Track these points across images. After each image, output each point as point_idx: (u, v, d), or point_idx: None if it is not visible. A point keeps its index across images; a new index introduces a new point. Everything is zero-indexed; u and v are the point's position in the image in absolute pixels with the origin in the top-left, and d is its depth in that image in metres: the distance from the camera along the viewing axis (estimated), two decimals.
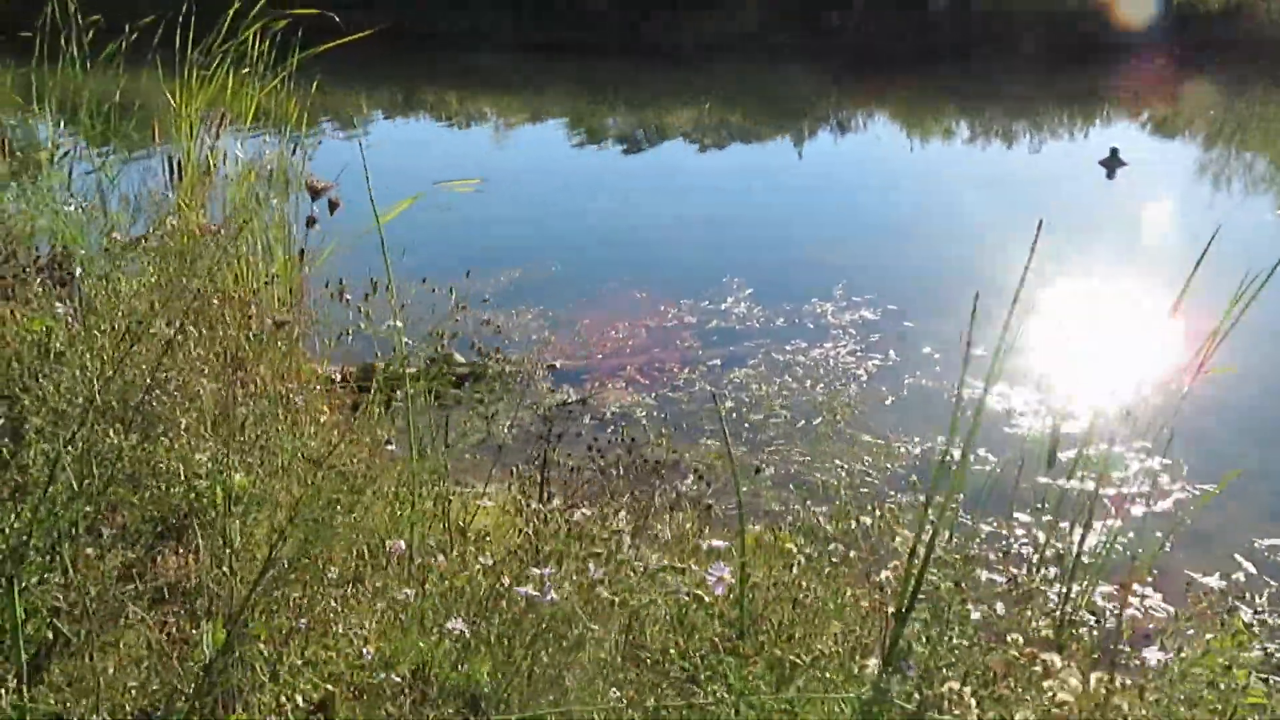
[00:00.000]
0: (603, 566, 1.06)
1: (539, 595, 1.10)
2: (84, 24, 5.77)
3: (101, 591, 1.58)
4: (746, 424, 5.43)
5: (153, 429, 1.73)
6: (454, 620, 1.16)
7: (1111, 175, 12.79)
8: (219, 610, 1.43)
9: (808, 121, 19.06)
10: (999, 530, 4.21)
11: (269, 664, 1.20)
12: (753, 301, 7.48)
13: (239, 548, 1.60)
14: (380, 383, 3.58)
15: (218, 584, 1.50)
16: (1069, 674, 1.00)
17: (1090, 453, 4.09)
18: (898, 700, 0.99)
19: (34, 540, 1.40)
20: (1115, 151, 12.95)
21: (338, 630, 1.27)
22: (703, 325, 7.03)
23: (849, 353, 6.53)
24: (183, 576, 1.93)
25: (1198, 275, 3.06)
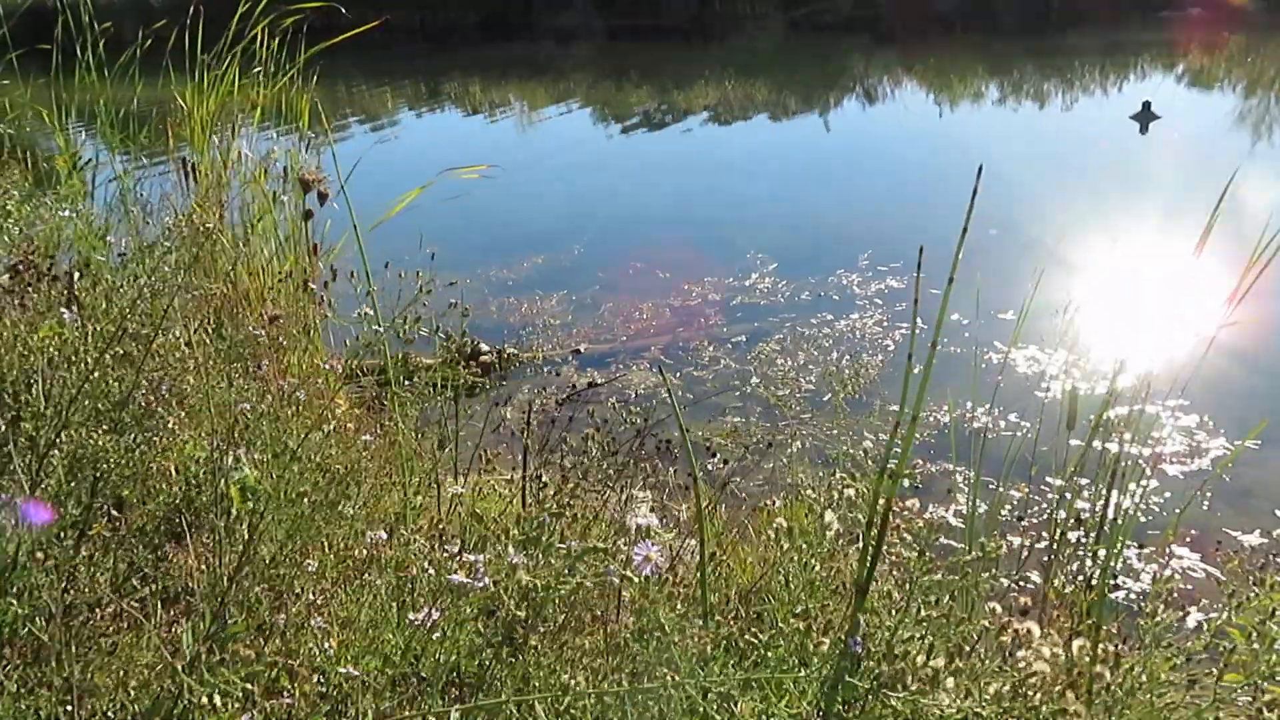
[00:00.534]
0: (521, 552, 1.04)
1: (470, 582, 1.08)
2: (98, 33, 5.82)
3: (102, 592, 1.59)
4: (772, 399, 5.39)
5: (148, 429, 1.74)
6: (414, 613, 1.15)
7: (1144, 130, 12.50)
8: (205, 608, 1.44)
9: (834, 92, 18.84)
10: (1028, 496, 4.14)
11: (244, 664, 1.20)
12: (777, 276, 7.42)
13: (234, 545, 1.61)
14: (398, 375, 3.59)
15: (210, 583, 1.51)
16: (1046, 643, 0.96)
17: (1118, 411, 4.01)
18: (853, 680, 0.95)
19: (24, 544, 1.41)
20: (1148, 105, 12.65)
21: (312, 624, 1.27)
22: (727, 302, 6.98)
23: (875, 323, 6.45)
24: (189, 576, 1.94)
25: (1233, 228, 2.97)
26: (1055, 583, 2.75)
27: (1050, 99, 17.90)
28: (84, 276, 4.15)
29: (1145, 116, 12.59)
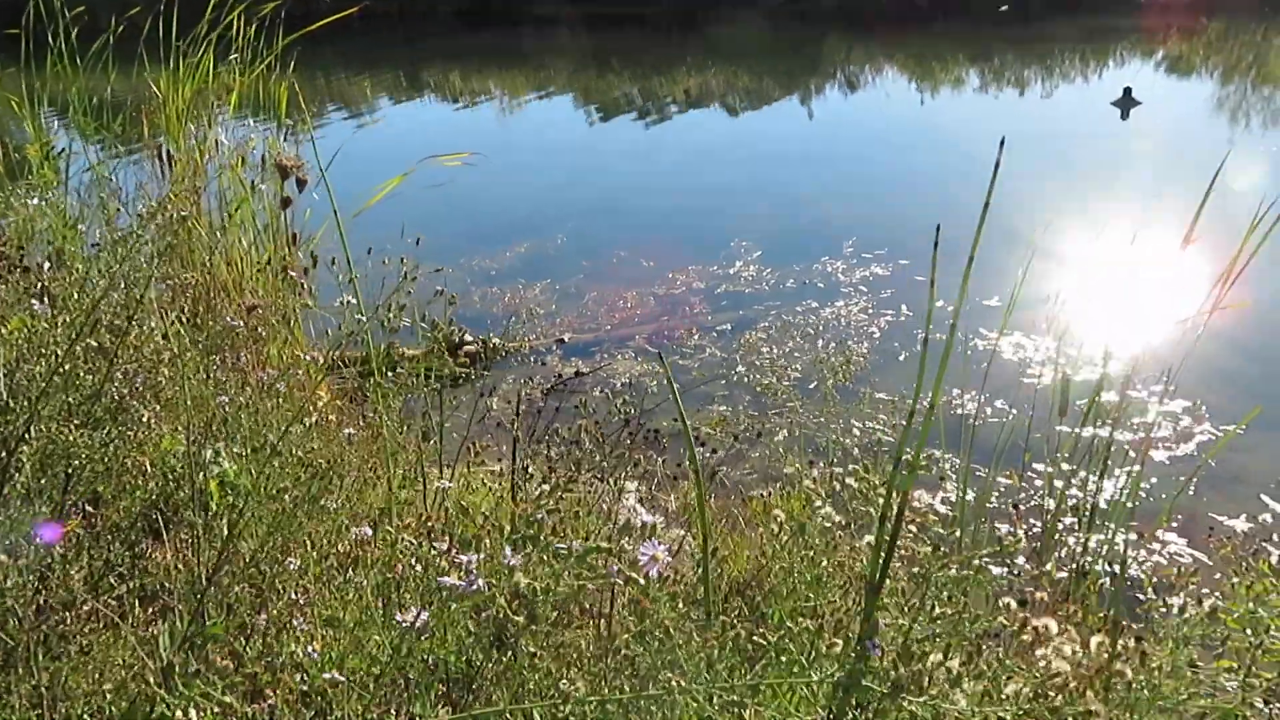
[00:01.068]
0: (520, 552, 0.99)
1: (463, 585, 1.04)
2: (70, 19, 5.70)
3: (77, 592, 1.53)
4: (758, 387, 5.36)
5: (122, 423, 1.68)
6: (402, 613, 1.10)
7: (1125, 115, 12.54)
8: (184, 608, 1.39)
9: (815, 80, 18.81)
10: (1015, 483, 4.12)
11: (222, 675, 1.15)
12: (762, 264, 7.38)
13: (213, 542, 1.55)
14: (381, 365, 3.53)
15: (188, 581, 1.46)
16: (1066, 640, 0.92)
17: (1107, 398, 4.00)
18: (868, 683, 0.92)
19: None
20: (1128, 91, 12.69)
21: (294, 625, 1.23)
22: (712, 290, 6.94)
23: (860, 310, 6.43)
24: (167, 574, 1.89)
25: (1218, 213, 2.95)
26: (1049, 570, 2.73)
27: (1030, 86, 17.94)
28: (56, 267, 4.07)
29: (1126, 102, 12.62)
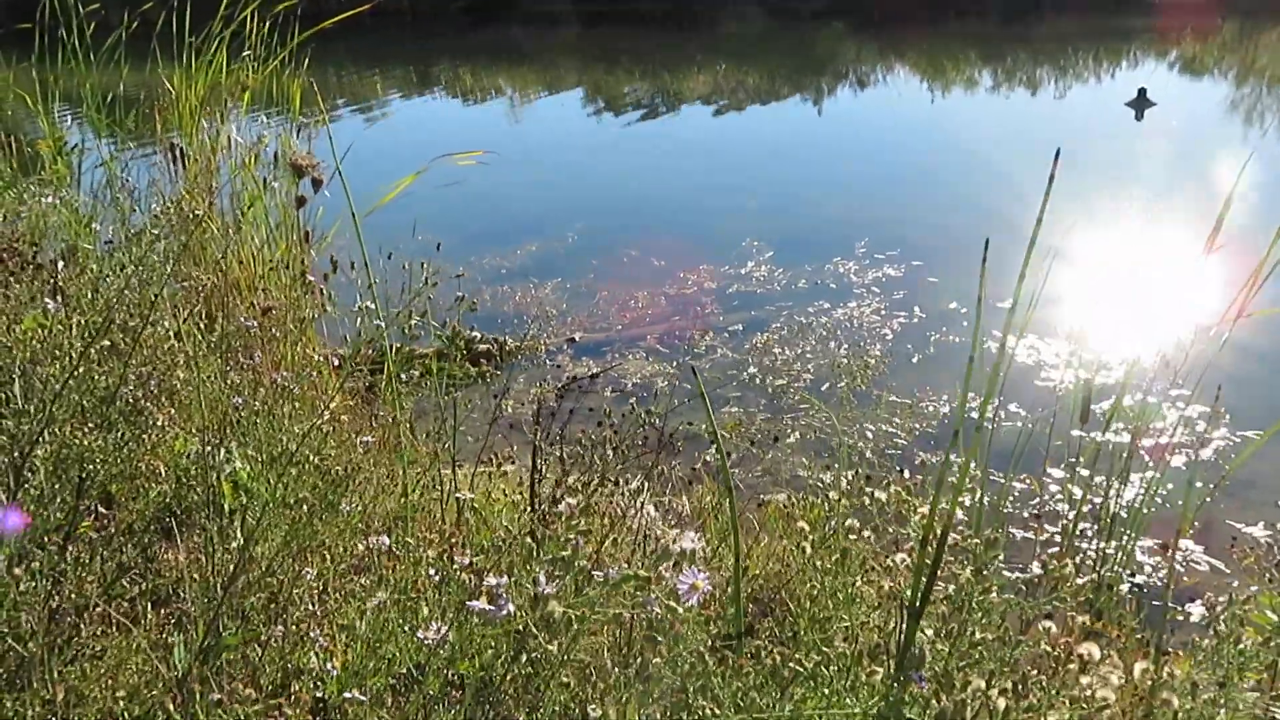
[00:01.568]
0: (555, 579, 0.97)
1: (494, 610, 1.01)
2: (83, 15, 5.70)
3: (90, 596, 1.52)
4: (769, 389, 5.33)
5: (137, 426, 1.67)
6: (425, 630, 1.08)
7: (1140, 117, 12.46)
8: (198, 616, 1.37)
9: (825, 79, 18.76)
10: (1032, 488, 4.09)
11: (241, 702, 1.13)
12: (773, 264, 7.35)
13: (227, 547, 1.54)
14: (393, 365, 3.52)
15: (203, 592, 1.44)
16: (1109, 668, 0.90)
17: (1126, 403, 3.95)
18: (911, 716, 0.89)
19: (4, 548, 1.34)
20: (1143, 92, 12.61)
21: (312, 635, 1.20)
22: (723, 290, 6.91)
23: (873, 311, 6.39)
24: (180, 578, 1.87)
25: (1234, 216, 2.92)
26: (1070, 577, 2.70)
27: (1043, 86, 17.87)
28: (69, 265, 4.06)
29: (1141, 103, 12.55)
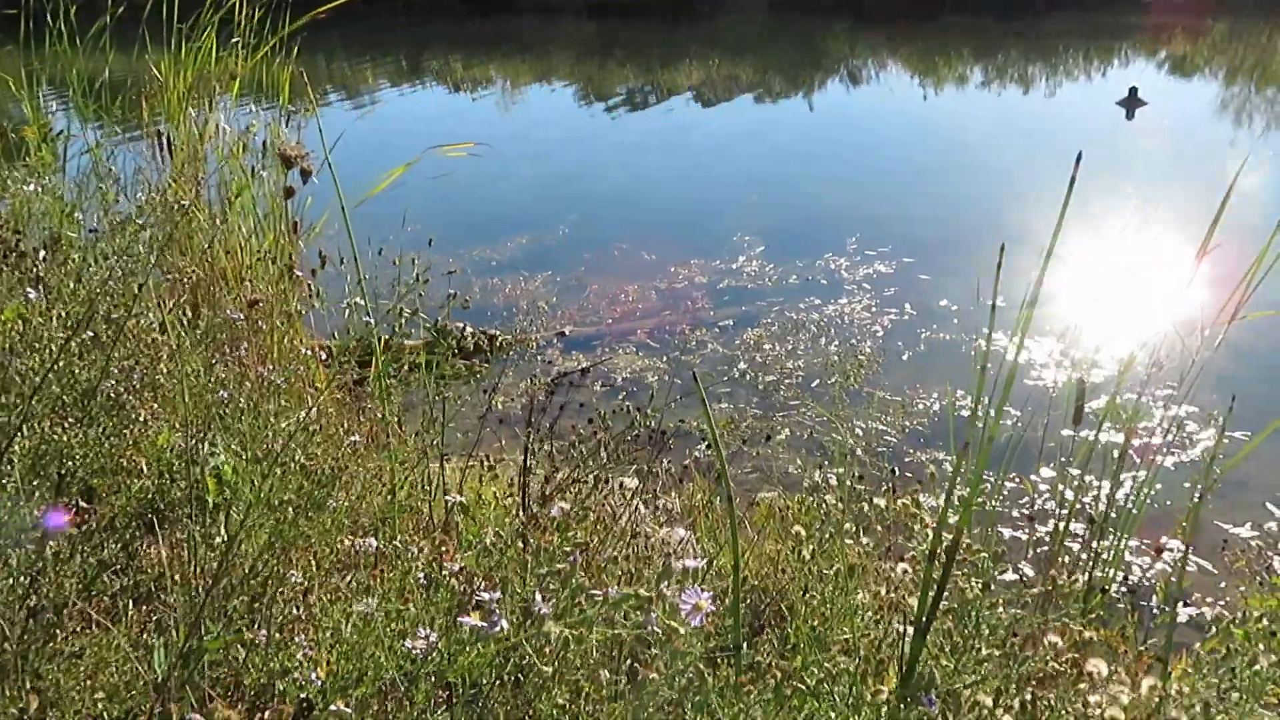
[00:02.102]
0: (552, 596, 0.94)
1: (485, 626, 0.99)
2: None
3: (69, 594, 1.49)
4: (760, 385, 5.31)
5: (119, 420, 1.64)
6: (410, 640, 1.05)
7: (1131, 116, 12.49)
8: (178, 619, 1.34)
9: (818, 74, 18.74)
10: (1023, 487, 4.09)
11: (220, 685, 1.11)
12: (764, 259, 7.33)
13: (210, 545, 1.51)
14: (382, 358, 3.48)
15: (182, 588, 1.41)
16: (1117, 685, 0.88)
17: (1116, 402, 3.95)
18: None
19: None
20: (1134, 91, 12.63)
21: (297, 640, 1.18)
22: (714, 285, 6.89)
23: (864, 308, 6.38)
24: (162, 574, 1.84)
25: (1227, 215, 2.91)
26: (1056, 578, 2.69)
27: (1035, 83, 17.88)
28: (53, 254, 4.01)
29: (1132, 102, 12.57)
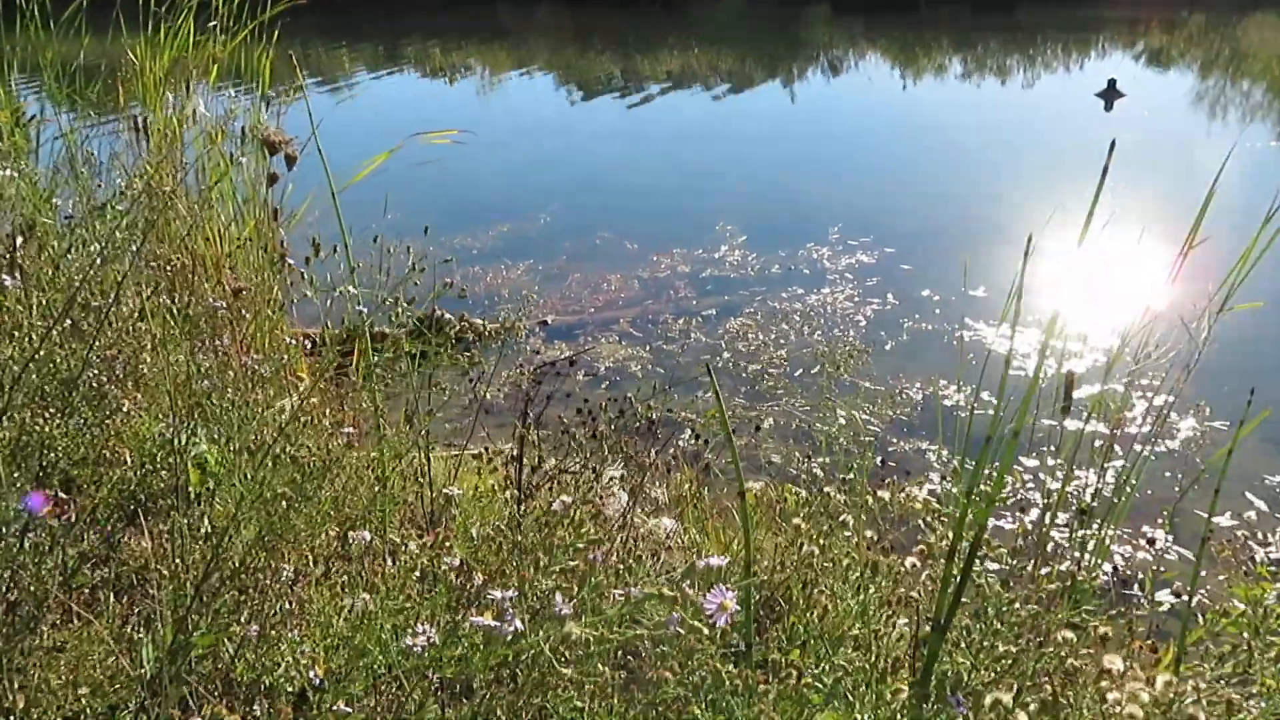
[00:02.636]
0: (572, 596, 0.92)
1: (498, 626, 0.96)
2: None
3: (50, 586, 1.45)
4: (744, 375, 5.31)
5: (101, 411, 1.60)
6: (410, 637, 1.03)
7: (1109, 107, 12.56)
8: (166, 614, 1.31)
9: (798, 63, 18.73)
10: (1013, 479, 4.10)
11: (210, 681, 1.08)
12: (747, 249, 7.32)
13: (196, 536, 1.48)
14: (364, 346, 3.44)
15: (169, 581, 1.38)
16: (1135, 681, 0.87)
17: (1100, 392, 3.97)
18: None
19: None
20: (1113, 83, 12.71)
21: (290, 638, 1.15)
22: (696, 275, 6.88)
23: (846, 298, 6.39)
24: (145, 566, 1.81)
25: (1212, 207, 2.92)
26: (1042, 568, 2.70)
27: (1013, 75, 17.97)
28: (29, 241, 3.93)
29: (1110, 94, 12.65)
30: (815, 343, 5.70)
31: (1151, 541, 3.38)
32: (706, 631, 0.89)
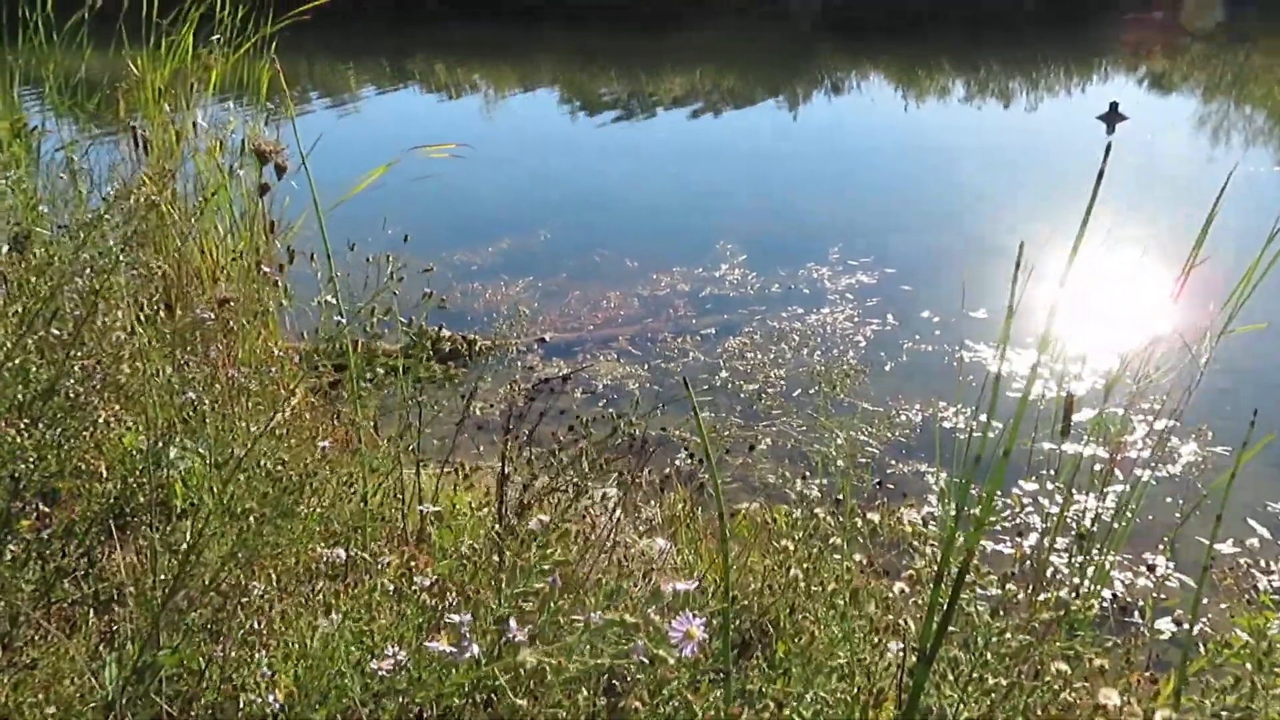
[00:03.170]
0: (527, 622, 0.88)
1: (455, 651, 0.93)
2: None
3: (19, 603, 1.42)
4: (742, 394, 5.27)
5: (81, 422, 1.57)
6: (377, 660, 0.99)
7: (1112, 130, 12.56)
8: (133, 633, 1.28)
9: (801, 85, 18.77)
10: (1014, 502, 4.06)
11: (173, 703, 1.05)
12: (747, 268, 7.30)
13: (173, 552, 1.44)
14: (356, 361, 3.41)
15: (138, 599, 1.34)
16: (1132, 716, 0.83)
17: (1099, 415, 3.93)
18: None
19: None
20: (1115, 106, 12.71)
21: (258, 658, 1.11)
22: (696, 293, 6.85)
23: (846, 318, 6.36)
24: (124, 582, 1.77)
25: (1213, 230, 2.89)
26: (1038, 592, 2.65)
27: (1015, 98, 17.99)
28: (21, 250, 3.91)
29: (1113, 117, 12.64)
30: (814, 362, 5.67)
31: (1152, 568, 3.33)
32: (672, 660, 0.85)
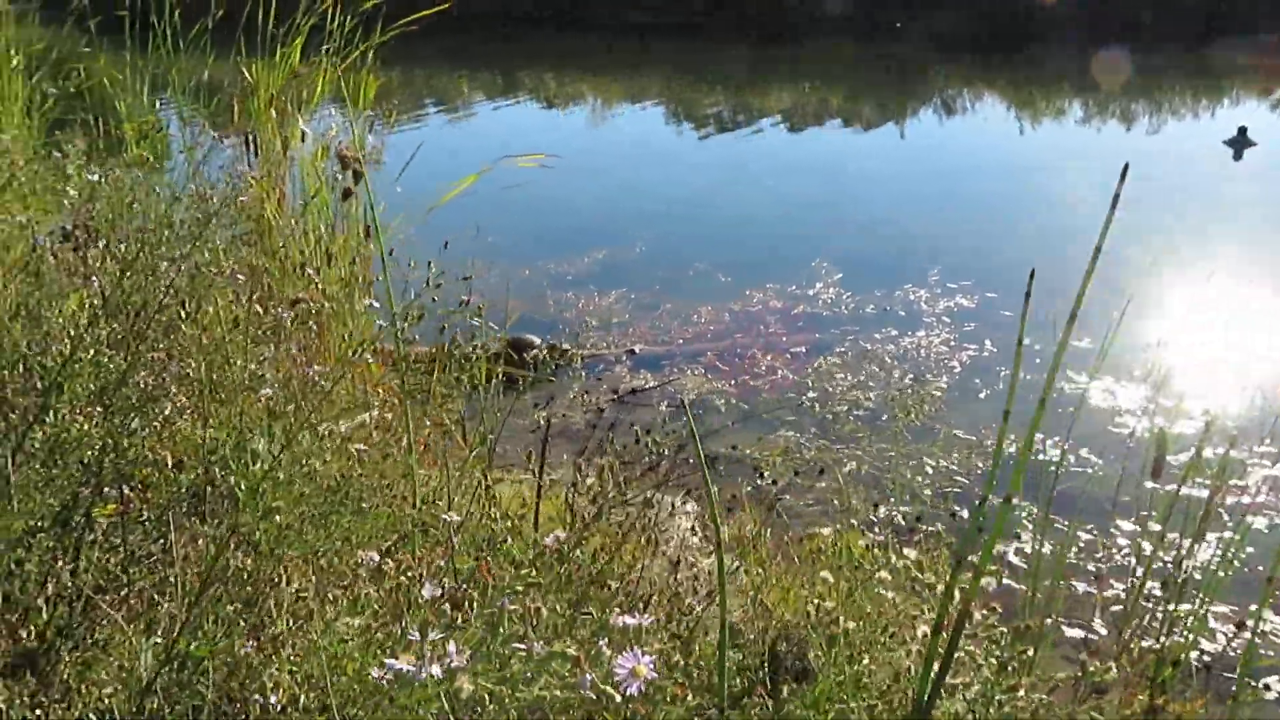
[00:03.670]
0: (469, 648, 0.86)
1: (412, 669, 0.91)
2: (173, 2, 5.82)
3: (83, 585, 1.47)
4: (828, 415, 5.18)
5: (159, 413, 1.63)
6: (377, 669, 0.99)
7: (1239, 156, 11.97)
8: (172, 621, 1.31)
9: (911, 102, 18.45)
10: (1097, 538, 3.88)
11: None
12: (842, 286, 7.18)
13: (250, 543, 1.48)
14: (446, 366, 3.48)
15: (182, 590, 1.38)
16: None
17: (1206, 456, 3.73)
18: None
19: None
20: (1243, 131, 12.12)
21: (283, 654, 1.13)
22: (788, 310, 6.77)
23: (942, 342, 6.19)
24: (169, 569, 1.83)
25: None
26: (1128, 640, 2.52)
27: (1137, 120, 17.31)
28: (139, 245, 4.10)
29: (1241, 142, 12.06)
30: (906, 387, 5.53)
31: (1240, 624, 3.14)
32: (619, 699, 0.82)
